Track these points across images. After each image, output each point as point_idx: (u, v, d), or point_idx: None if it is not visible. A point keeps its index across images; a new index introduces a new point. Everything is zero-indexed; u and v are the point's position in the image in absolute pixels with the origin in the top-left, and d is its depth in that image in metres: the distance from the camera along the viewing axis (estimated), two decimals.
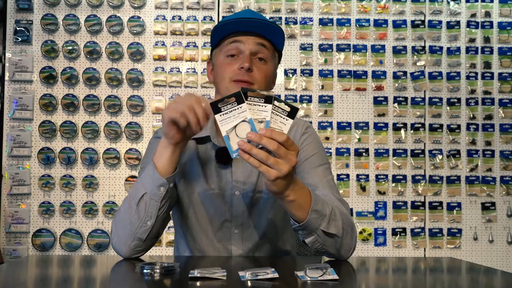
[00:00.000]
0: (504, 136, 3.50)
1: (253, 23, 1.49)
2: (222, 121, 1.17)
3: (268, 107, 1.16)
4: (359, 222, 3.43)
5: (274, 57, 1.57)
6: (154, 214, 1.36)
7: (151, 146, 1.61)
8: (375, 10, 3.53)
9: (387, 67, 3.51)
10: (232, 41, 1.51)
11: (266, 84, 1.52)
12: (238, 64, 1.48)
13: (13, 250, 3.25)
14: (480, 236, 3.47)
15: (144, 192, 1.35)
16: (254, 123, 1.16)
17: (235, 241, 1.53)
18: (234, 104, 1.16)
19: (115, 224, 1.42)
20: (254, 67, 1.49)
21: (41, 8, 3.39)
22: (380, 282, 1.25)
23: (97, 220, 3.32)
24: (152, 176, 1.35)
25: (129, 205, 1.38)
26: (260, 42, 1.51)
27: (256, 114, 1.17)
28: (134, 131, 3.35)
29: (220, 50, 1.55)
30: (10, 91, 3.34)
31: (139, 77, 3.37)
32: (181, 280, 1.10)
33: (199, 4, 3.44)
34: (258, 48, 1.50)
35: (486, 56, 3.54)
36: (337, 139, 3.44)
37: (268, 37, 1.52)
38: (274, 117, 1.18)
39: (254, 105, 1.17)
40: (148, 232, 1.38)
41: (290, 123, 1.18)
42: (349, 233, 1.37)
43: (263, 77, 1.50)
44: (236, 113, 1.16)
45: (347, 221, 1.38)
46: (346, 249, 1.38)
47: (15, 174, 3.28)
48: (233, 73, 1.48)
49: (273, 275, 1.08)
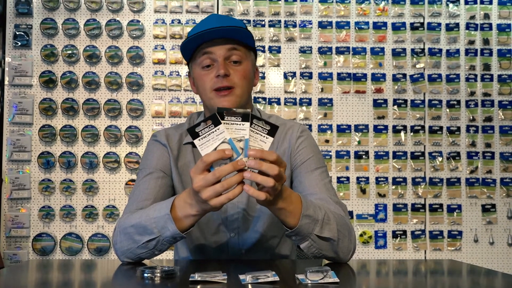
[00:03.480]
0: (504, 138, 3.50)
1: (218, 32, 1.49)
2: (202, 145, 1.16)
3: (245, 125, 1.15)
4: (359, 225, 3.42)
5: (249, 55, 1.57)
6: (166, 248, 1.36)
7: (150, 148, 1.61)
8: (374, 13, 3.53)
9: (387, 69, 3.51)
10: (203, 53, 1.52)
11: (246, 84, 1.53)
12: (214, 73, 1.49)
13: (13, 255, 3.25)
14: (481, 238, 3.46)
15: (158, 235, 1.31)
16: (234, 142, 1.15)
17: (232, 244, 1.54)
18: (211, 126, 1.15)
19: (119, 231, 1.39)
20: (230, 71, 1.50)
21: (40, 12, 3.39)
22: (380, 284, 1.25)
23: (97, 224, 3.31)
24: (172, 230, 1.29)
25: (138, 232, 1.34)
26: (231, 47, 1.51)
27: (234, 133, 1.16)
28: (134, 134, 3.35)
29: (195, 63, 1.56)
30: (10, 95, 3.34)
31: (138, 81, 3.38)
32: (182, 284, 1.09)
33: (198, 7, 3.45)
34: (230, 53, 1.51)
35: (485, 58, 3.54)
36: (337, 141, 3.44)
37: (237, 39, 1.53)
38: (254, 136, 1.17)
39: (231, 125, 1.16)
40: (153, 257, 1.38)
41: (271, 141, 1.18)
42: (346, 236, 1.37)
43: (241, 78, 1.51)
44: (214, 135, 1.15)
45: (343, 224, 1.38)
46: (345, 252, 1.38)
47: (15, 178, 3.27)
48: (212, 82, 1.50)
49: (274, 278, 1.08)
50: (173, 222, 1.27)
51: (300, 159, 1.56)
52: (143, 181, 1.54)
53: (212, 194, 1.16)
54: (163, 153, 1.59)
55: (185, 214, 1.27)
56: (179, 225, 1.28)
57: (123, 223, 1.39)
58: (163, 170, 1.56)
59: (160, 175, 1.55)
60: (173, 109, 3.38)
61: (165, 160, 1.58)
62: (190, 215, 1.26)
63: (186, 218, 1.27)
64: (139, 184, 1.54)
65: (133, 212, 1.42)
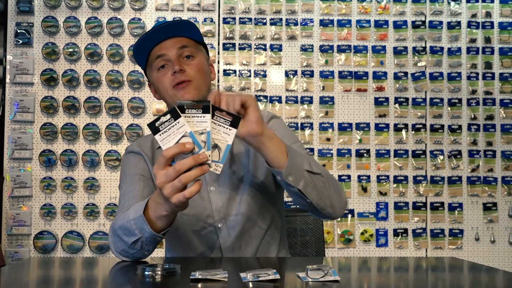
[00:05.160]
0: (505, 136, 3.50)
1: (163, 30, 1.54)
2: (163, 140, 1.13)
3: (207, 117, 1.13)
4: (360, 223, 3.42)
5: (199, 49, 1.62)
6: (152, 249, 1.37)
7: (125, 162, 1.64)
8: (376, 11, 3.52)
9: (388, 67, 3.50)
10: (156, 57, 1.56)
11: (203, 76, 1.57)
12: (170, 70, 1.53)
13: (14, 253, 3.25)
14: (482, 236, 3.46)
15: (140, 236, 1.31)
16: (195, 135, 1.12)
17: (221, 234, 1.54)
18: (171, 120, 1.12)
19: (112, 233, 1.40)
20: (184, 66, 1.54)
21: (41, 10, 3.39)
22: (381, 282, 1.25)
23: (98, 222, 3.32)
24: (148, 231, 1.29)
25: (124, 233, 1.35)
26: (180, 45, 1.55)
27: (196, 127, 1.13)
28: (135, 133, 3.35)
29: (151, 68, 1.60)
30: (11, 93, 3.34)
31: (140, 79, 3.38)
32: (183, 282, 1.10)
33: (200, 6, 3.44)
34: (181, 51, 1.55)
35: (487, 56, 3.54)
36: (338, 140, 3.44)
37: (184, 35, 1.57)
38: (217, 128, 1.15)
39: (192, 117, 1.13)
40: (146, 256, 1.39)
41: (234, 133, 1.16)
42: (332, 180, 1.42)
43: (197, 71, 1.55)
44: (175, 129, 1.12)
45: (326, 171, 1.45)
46: (336, 198, 1.42)
47: (16, 176, 3.28)
48: (169, 80, 1.53)
49: (275, 276, 1.08)
50: (147, 224, 1.28)
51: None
52: (126, 187, 1.57)
53: (172, 190, 1.14)
54: (138, 160, 1.62)
55: (156, 215, 1.27)
56: (154, 226, 1.28)
57: (113, 225, 1.41)
58: (142, 174, 1.59)
59: (140, 178, 1.57)
60: None
61: (142, 165, 1.61)
62: (161, 216, 1.26)
63: (158, 219, 1.27)
64: (123, 191, 1.57)
65: (123, 212, 1.42)
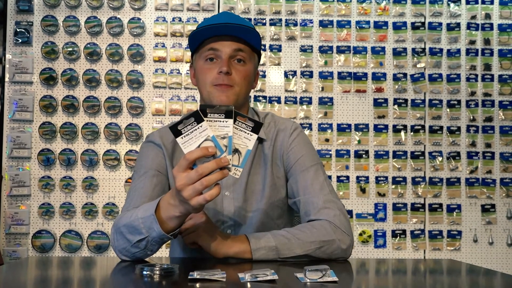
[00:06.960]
0: (504, 138, 3.50)
1: (229, 28, 1.51)
2: (184, 144, 1.14)
3: (229, 122, 1.14)
4: (358, 224, 3.42)
5: (253, 57, 1.59)
6: (156, 249, 1.36)
7: (144, 151, 1.62)
8: (375, 12, 3.53)
9: (387, 69, 3.51)
10: (209, 48, 1.53)
11: (246, 84, 1.55)
12: (217, 68, 1.51)
13: (13, 252, 3.25)
14: (480, 238, 3.46)
15: (147, 236, 1.31)
16: (217, 139, 1.14)
17: None
18: (194, 124, 1.13)
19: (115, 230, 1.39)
20: (232, 70, 1.51)
21: (41, 9, 3.39)
22: (379, 284, 1.25)
23: (97, 222, 3.31)
24: (157, 231, 1.28)
25: (129, 232, 1.34)
26: (237, 46, 1.53)
27: (217, 131, 1.14)
28: (134, 132, 3.35)
29: (199, 55, 1.57)
30: (10, 92, 3.34)
31: (139, 78, 3.38)
32: (181, 282, 1.10)
33: (199, 5, 3.45)
34: (236, 52, 1.53)
35: (486, 58, 3.54)
36: (337, 141, 3.44)
37: (245, 39, 1.54)
38: (238, 133, 1.16)
39: (214, 122, 1.14)
40: (148, 256, 1.39)
41: (255, 138, 1.17)
42: (333, 241, 1.40)
43: (242, 78, 1.53)
44: (197, 132, 1.14)
45: (322, 231, 1.40)
46: (337, 253, 1.41)
47: (15, 175, 3.28)
48: (213, 77, 1.51)
49: (273, 277, 1.08)
50: (157, 223, 1.27)
51: (293, 157, 1.56)
52: (139, 181, 1.54)
53: (192, 192, 1.15)
54: (157, 153, 1.59)
55: (168, 215, 1.26)
56: (164, 226, 1.28)
57: (117, 222, 1.40)
58: (158, 169, 1.56)
59: (155, 174, 1.55)
60: (174, 107, 3.38)
61: (160, 159, 1.58)
62: (174, 217, 1.26)
63: (170, 220, 1.27)
64: (135, 184, 1.55)
65: (129, 210, 1.42)
